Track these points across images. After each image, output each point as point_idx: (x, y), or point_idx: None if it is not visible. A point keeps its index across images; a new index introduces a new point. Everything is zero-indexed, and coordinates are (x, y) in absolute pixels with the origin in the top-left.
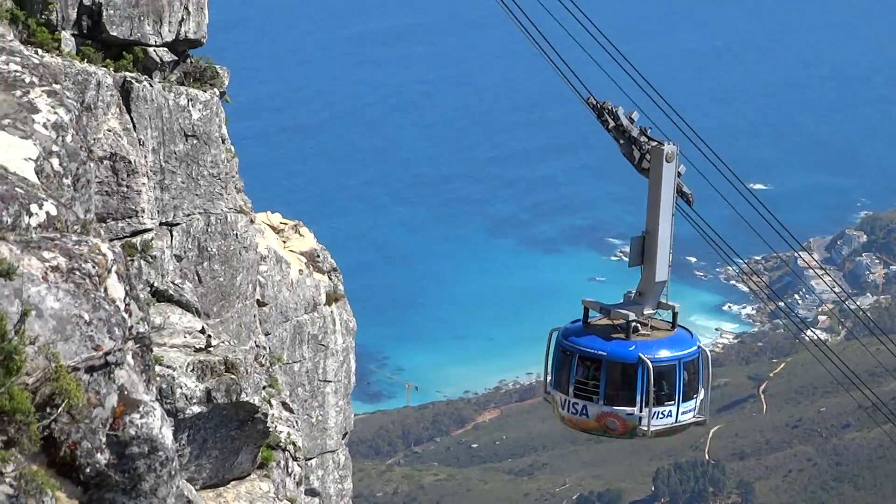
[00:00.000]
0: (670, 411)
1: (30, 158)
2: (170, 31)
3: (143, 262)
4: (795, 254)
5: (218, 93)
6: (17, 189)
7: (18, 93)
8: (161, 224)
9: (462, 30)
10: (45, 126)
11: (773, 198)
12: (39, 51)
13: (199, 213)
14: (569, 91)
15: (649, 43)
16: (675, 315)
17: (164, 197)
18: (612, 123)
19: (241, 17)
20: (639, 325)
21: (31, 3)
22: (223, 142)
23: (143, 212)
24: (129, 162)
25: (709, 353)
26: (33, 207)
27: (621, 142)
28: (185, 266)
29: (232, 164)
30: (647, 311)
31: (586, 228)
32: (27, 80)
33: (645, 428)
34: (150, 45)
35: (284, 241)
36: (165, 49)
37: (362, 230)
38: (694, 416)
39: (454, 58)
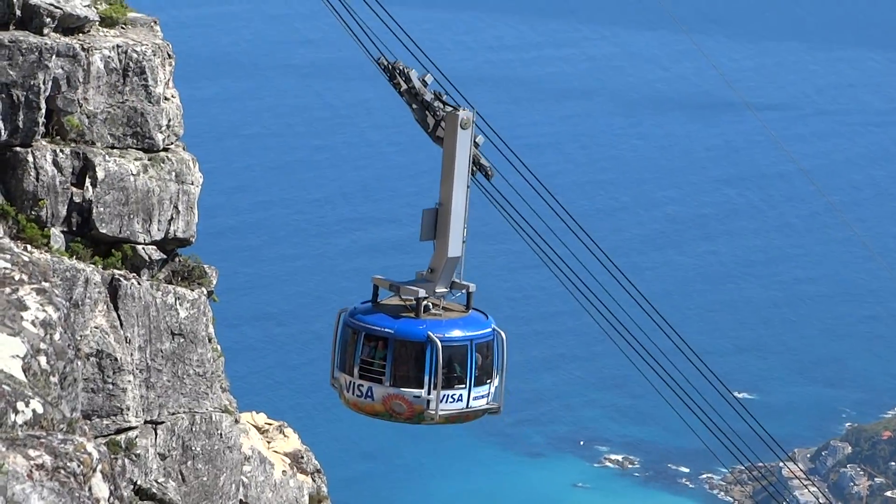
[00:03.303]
0: (461, 395)
1: (17, 356)
2: (159, 230)
3: (127, 460)
4: (781, 463)
5: (206, 292)
6: (3, 386)
7: (8, 290)
8: (146, 422)
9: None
10: (33, 324)
11: (759, 407)
12: (29, 247)
13: (184, 412)
14: (578, 304)
15: (654, 256)
16: (469, 295)
17: (149, 395)
18: (404, 86)
19: (251, 220)
20: (430, 304)
21: (22, 198)
22: (210, 341)
23: (129, 410)
24: (116, 359)
25: (504, 336)
26: (20, 405)
27: (414, 106)
28: (169, 465)
29: (218, 364)
30: (438, 290)
31: (571, 434)
32: (17, 278)
33: (433, 412)
34: (139, 243)
35: (269, 442)
36: (154, 247)
37: (356, 439)
38: (488, 403)
39: None
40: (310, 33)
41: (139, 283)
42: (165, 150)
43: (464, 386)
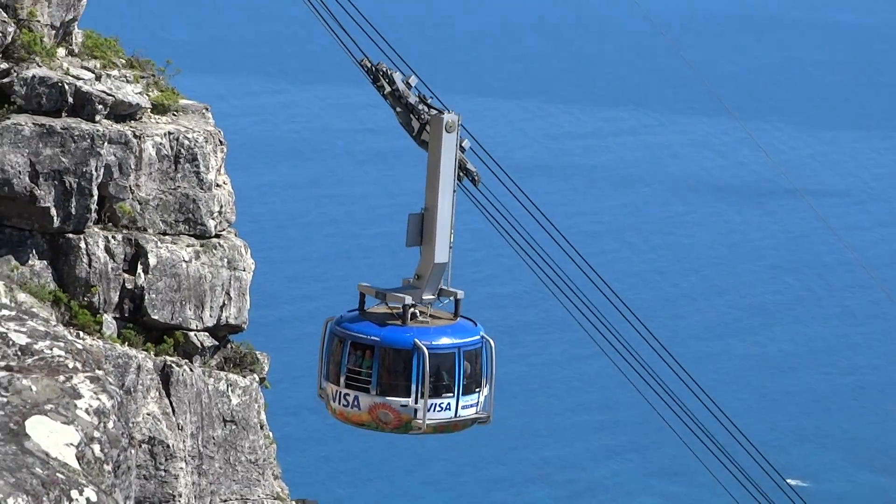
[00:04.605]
0: (449, 404)
1: (71, 444)
2: (211, 316)
3: None
4: None
5: (258, 379)
6: (58, 475)
7: (61, 378)
8: None
9: (540, 300)
10: (87, 412)
11: (814, 495)
12: (81, 333)
13: (236, 499)
14: (638, 393)
15: (714, 344)
16: (457, 303)
17: (201, 482)
18: (387, 88)
19: (310, 308)
20: (418, 311)
21: (74, 285)
22: (262, 428)
23: (181, 496)
24: (168, 446)
25: (493, 344)
26: (74, 493)
27: (398, 109)
28: None
29: (270, 451)
30: (426, 297)
31: None
32: (70, 366)
33: (420, 421)
34: (191, 330)
35: None
36: (206, 334)
37: None
38: (477, 412)
39: (511, 336)
40: (371, 122)
41: (191, 370)
42: (217, 236)
43: (452, 394)
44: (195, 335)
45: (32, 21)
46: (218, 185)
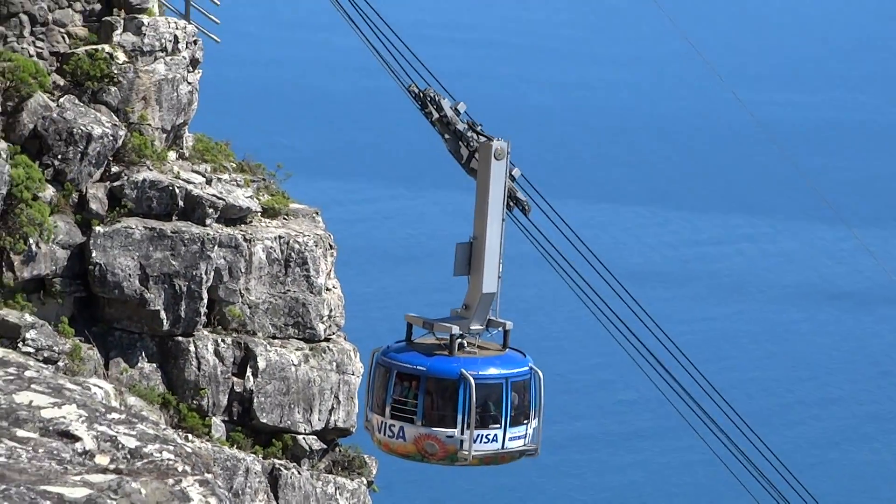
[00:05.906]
0: (496, 435)
1: None
2: (319, 420)
3: None
4: None
5: (366, 482)
6: None
7: (171, 481)
8: None
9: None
10: None
11: None
12: (190, 436)
13: None
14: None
15: (830, 451)
16: (506, 334)
17: None
18: (435, 115)
19: None
20: (465, 342)
21: (183, 388)
22: None
23: None
24: None
25: (542, 376)
26: None
27: (446, 136)
28: None
29: None
30: (473, 327)
31: None
32: (179, 469)
33: (466, 452)
34: (300, 433)
35: None
36: (315, 437)
37: None
38: (525, 444)
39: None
40: None
41: (299, 473)
42: (327, 340)
43: (499, 426)
44: (303, 438)
45: (143, 125)
46: (328, 289)
